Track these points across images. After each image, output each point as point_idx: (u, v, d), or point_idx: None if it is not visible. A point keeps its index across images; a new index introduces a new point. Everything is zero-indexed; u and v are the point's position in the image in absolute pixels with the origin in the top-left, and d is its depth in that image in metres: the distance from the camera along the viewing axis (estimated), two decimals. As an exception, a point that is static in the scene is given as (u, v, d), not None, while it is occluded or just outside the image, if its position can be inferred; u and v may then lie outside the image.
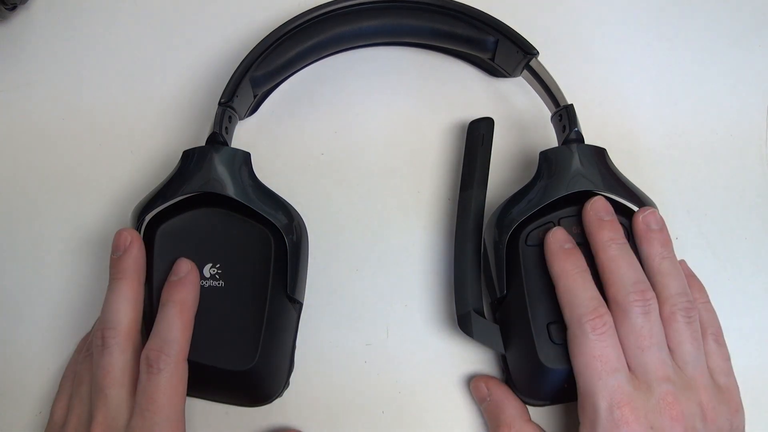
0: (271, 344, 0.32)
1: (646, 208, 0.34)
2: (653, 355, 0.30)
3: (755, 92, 0.43)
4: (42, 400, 0.36)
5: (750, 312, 0.38)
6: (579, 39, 0.44)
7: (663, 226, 0.33)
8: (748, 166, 0.41)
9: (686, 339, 0.31)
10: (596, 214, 0.33)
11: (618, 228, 0.33)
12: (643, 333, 0.30)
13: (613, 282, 0.31)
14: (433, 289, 0.38)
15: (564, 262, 0.32)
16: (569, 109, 0.36)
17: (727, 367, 0.33)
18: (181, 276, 0.32)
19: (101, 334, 0.31)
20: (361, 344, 0.37)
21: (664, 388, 0.30)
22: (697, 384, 0.31)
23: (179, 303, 0.31)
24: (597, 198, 0.33)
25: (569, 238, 0.33)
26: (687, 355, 0.31)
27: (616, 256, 0.32)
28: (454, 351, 0.37)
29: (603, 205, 0.33)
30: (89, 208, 0.39)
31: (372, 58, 0.42)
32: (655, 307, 0.31)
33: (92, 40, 0.43)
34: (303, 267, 0.35)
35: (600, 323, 0.30)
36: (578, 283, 0.31)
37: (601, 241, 0.32)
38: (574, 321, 0.31)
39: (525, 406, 0.34)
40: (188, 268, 0.32)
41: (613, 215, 0.33)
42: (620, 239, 0.32)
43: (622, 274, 0.31)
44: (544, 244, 0.33)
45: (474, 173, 0.37)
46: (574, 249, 0.33)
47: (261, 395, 0.33)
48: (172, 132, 0.41)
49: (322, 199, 0.39)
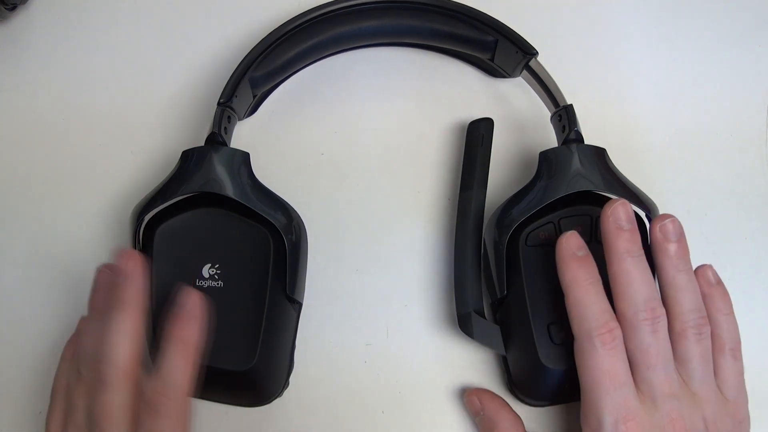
0: (271, 344, 0.32)
1: (666, 216, 0.32)
2: (659, 373, 0.30)
3: (755, 92, 0.43)
4: (42, 400, 0.36)
5: (750, 312, 0.38)
6: (579, 39, 0.44)
7: (681, 236, 0.32)
8: (748, 166, 0.41)
9: (695, 356, 0.31)
10: (615, 220, 0.31)
11: (637, 239, 0.31)
12: (650, 351, 0.30)
13: (625, 297, 0.31)
14: (433, 289, 0.38)
15: (576, 271, 0.31)
16: (569, 109, 0.36)
17: (739, 383, 0.32)
18: (187, 309, 0.30)
19: (99, 367, 0.29)
20: (361, 344, 0.37)
21: (669, 404, 0.29)
22: (701, 398, 0.30)
23: (183, 342, 0.30)
24: (619, 203, 0.32)
25: (582, 244, 0.32)
26: (694, 372, 0.31)
27: (630, 270, 0.31)
28: (454, 351, 0.37)
29: (624, 212, 0.32)
30: (89, 208, 0.39)
31: (372, 58, 0.42)
32: (664, 324, 0.30)
33: (92, 40, 0.43)
34: (302, 267, 0.35)
35: (610, 338, 0.30)
36: (590, 295, 0.31)
37: (617, 251, 0.31)
38: (583, 334, 0.30)
39: (519, 418, 0.34)
40: (194, 300, 0.30)
41: (633, 223, 0.32)
42: (637, 251, 0.31)
43: (635, 290, 0.30)
44: (556, 249, 0.32)
45: (474, 173, 0.37)
46: (587, 257, 0.32)
47: (261, 395, 0.33)
48: (172, 132, 0.41)
49: (322, 199, 0.39)
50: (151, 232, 0.33)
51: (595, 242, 0.34)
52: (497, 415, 0.34)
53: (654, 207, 0.34)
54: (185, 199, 0.34)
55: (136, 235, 0.33)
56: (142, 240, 0.33)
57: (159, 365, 0.29)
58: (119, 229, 0.38)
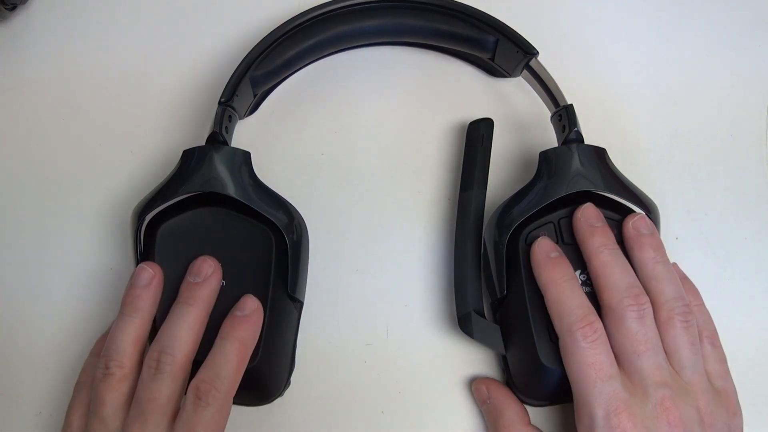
0: (272, 343, 0.32)
1: (635, 214, 0.33)
2: (649, 360, 0.30)
3: (755, 92, 0.43)
4: (42, 400, 0.36)
5: (750, 312, 0.38)
6: (579, 39, 0.44)
7: (654, 231, 0.33)
8: (748, 166, 0.41)
9: (684, 344, 0.31)
10: (587, 221, 0.33)
11: (609, 233, 0.33)
12: (638, 338, 0.30)
13: (607, 287, 0.31)
14: (433, 289, 0.38)
15: (551, 272, 0.32)
16: (569, 109, 0.36)
17: (724, 370, 0.32)
18: (247, 313, 0.31)
19: (158, 356, 0.30)
20: (361, 344, 0.37)
21: (661, 392, 0.29)
22: (694, 388, 0.30)
23: (240, 341, 0.30)
24: (586, 205, 0.33)
25: (555, 246, 0.33)
26: (685, 360, 0.31)
27: (608, 261, 0.32)
28: (454, 351, 0.37)
29: (593, 212, 0.33)
30: (89, 208, 0.39)
31: (372, 58, 0.42)
32: (649, 312, 0.31)
33: (92, 40, 0.43)
34: (303, 266, 0.35)
35: (590, 330, 0.30)
36: (566, 292, 0.31)
37: (593, 246, 0.32)
38: (564, 330, 0.31)
39: (525, 409, 0.34)
40: (255, 306, 0.31)
41: (604, 222, 0.33)
42: (612, 245, 0.32)
43: (616, 279, 0.31)
44: (531, 254, 0.33)
45: (474, 174, 0.37)
46: (561, 257, 0.32)
47: (262, 394, 0.33)
48: (172, 132, 0.41)
49: (322, 199, 0.39)
50: (152, 231, 0.33)
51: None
52: (504, 404, 0.34)
53: (654, 207, 0.35)
54: (186, 199, 0.34)
55: (137, 235, 0.33)
56: (143, 240, 0.33)
57: (213, 359, 0.30)
58: (119, 229, 0.38)
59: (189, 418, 0.29)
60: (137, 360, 0.31)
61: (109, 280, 0.38)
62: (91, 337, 0.36)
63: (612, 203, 0.34)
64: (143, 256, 0.33)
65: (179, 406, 0.30)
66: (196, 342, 0.31)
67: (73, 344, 0.36)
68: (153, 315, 0.32)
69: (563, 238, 0.34)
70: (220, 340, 0.31)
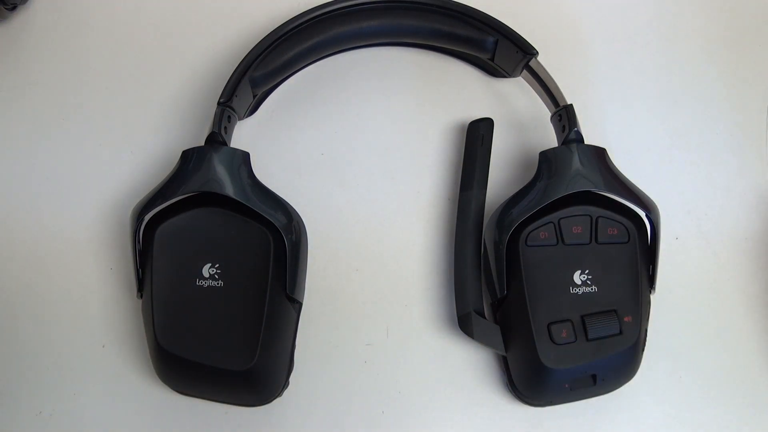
0: (271, 344, 0.32)
1: None
2: None
3: (755, 92, 0.43)
4: (42, 400, 0.36)
5: (750, 312, 0.38)
6: (579, 39, 0.44)
7: None
8: (748, 166, 0.41)
9: None
10: None
11: None
12: None
13: None
14: (433, 289, 0.38)
15: None
16: (569, 109, 0.36)
17: None
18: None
19: None
20: (361, 344, 0.37)
21: None
22: None
23: None
24: None
25: None
26: None
27: None
28: (454, 351, 0.37)
29: None
30: (89, 208, 0.39)
31: (372, 58, 0.42)
32: None
33: (92, 40, 0.43)
34: (302, 267, 0.35)
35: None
36: None
37: None
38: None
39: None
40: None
41: None
42: None
43: None
44: None
45: (474, 173, 0.37)
46: None
47: (261, 395, 0.33)
48: (172, 132, 0.41)
49: (322, 199, 0.39)
50: (151, 231, 0.33)
51: (595, 243, 0.34)
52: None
53: (654, 207, 0.34)
54: (185, 199, 0.34)
55: (136, 234, 0.33)
56: (141, 240, 0.33)
57: None
58: (119, 229, 0.38)
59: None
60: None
61: (109, 279, 0.38)
62: (91, 336, 0.36)
63: (612, 203, 0.34)
64: (142, 256, 0.33)
65: None
66: None
67: (73, 344, 0.36)
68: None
69: (563, 239, 0.34)
70: None
